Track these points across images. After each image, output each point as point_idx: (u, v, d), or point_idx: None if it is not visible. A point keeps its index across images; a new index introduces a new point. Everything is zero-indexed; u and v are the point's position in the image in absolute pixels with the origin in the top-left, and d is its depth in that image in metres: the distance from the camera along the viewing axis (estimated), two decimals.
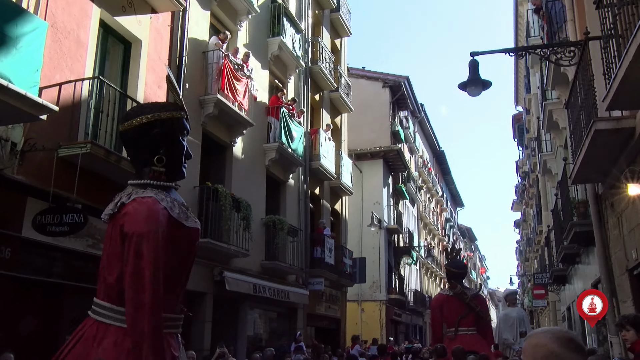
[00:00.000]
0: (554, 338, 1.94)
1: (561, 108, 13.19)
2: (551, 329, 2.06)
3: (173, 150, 3.05)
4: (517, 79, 33.58)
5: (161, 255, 2.71)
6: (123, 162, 8.83)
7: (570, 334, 1.99)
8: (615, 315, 8.88)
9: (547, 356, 1.92)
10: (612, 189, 8.34)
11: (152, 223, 2.71)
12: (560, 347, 1.90)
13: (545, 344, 1.94)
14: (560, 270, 16.53)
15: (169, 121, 3.00)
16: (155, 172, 2.97)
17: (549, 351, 1.92)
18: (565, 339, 1.93)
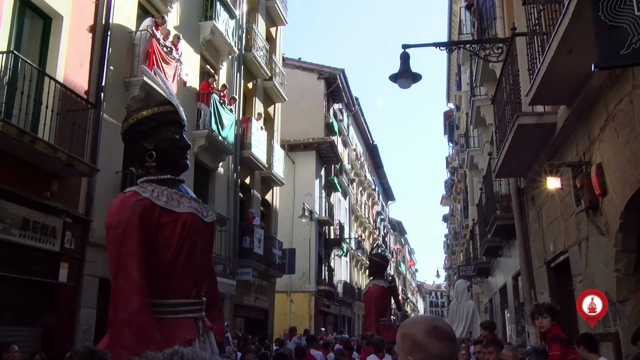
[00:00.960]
0: (421, 327, 1.89)
1: (488, 104, 13.49)
2: (420, 317, 2.00)
3: (162, 144, 3.24)
4: (449, 76, 34.30)
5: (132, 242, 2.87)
6: (38, 143, 8.37)
7: (437, 322, 1.92)
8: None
9: (413, 347, 1.87)
10: (533, 183, 8.55)
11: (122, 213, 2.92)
12: (427, 337, 1.85)
13: (412, 333, 1.89)
14: (483, 262, 16.99)
15: (153, 117, 3.23)
16: (147, 168, 3.23)
17: (415, 341, 1.87)
18: (431, 328, 1.88)
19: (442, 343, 1.86)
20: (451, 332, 1.94)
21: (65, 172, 9.40)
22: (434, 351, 1.85)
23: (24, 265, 8.92)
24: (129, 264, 2.93)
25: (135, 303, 2.88)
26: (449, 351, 1.88)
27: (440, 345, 1.86)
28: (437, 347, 1.86)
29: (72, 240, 9.77)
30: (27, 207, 8.77)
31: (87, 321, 10.05)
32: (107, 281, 10.47)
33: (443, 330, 1.91)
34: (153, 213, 3.04)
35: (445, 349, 1.87)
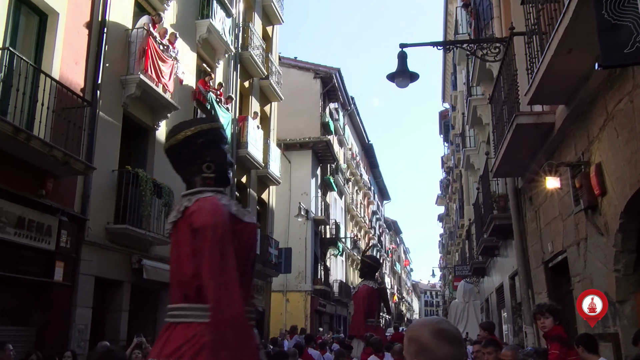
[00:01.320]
0: (427, 330, 1.87)
1: (485, 104, 13.48)
2: (426, 320, 1.98)
3: (218, 157, 3.23)
4: (445, 76, 34.33)
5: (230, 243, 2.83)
6: (33, 141, 8.30)
7: (443, 324, 1.90)
8: (530, 306, 9.14)
9: (419, 350, 1.86)
10: (531, 183, 8.54)
11: (219, 215, 2.86)
12: (433, 339, 1.84)
13: (418, 336, 1.87)
14: (479, 262, 16.99)
15: (211, 131, 3.22)
16: (206, 179, 3.17)
17: (421, 345, 1.85)
18: (437, 331, 1.86)
19: (448, 346, 1.84)
20: (457, 335, 1.92)
21: (61, 171, 9.34)
22: (440, 354, 1.84)
23: (19, 264, 8.86)
24: (230, 267, 2.86)
25: (238, 305, 2.79)
26: (456, 354, 1.86)
27: (446, 348, 1.84)
28: (443, 350, 1.84)
29: (67, 239, 9.71)
30: (22, 206, 8.71)
31: (82, 321, 9.98)
32: (102, 280, 10.37)
33: (449, 332, 1.88)
34: (230, 219, 2.99)
35: (452, 352, 1.85)
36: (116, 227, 10.88)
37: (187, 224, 2.95)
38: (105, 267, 10.76)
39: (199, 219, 2.91)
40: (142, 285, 11.80)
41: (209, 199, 3.03)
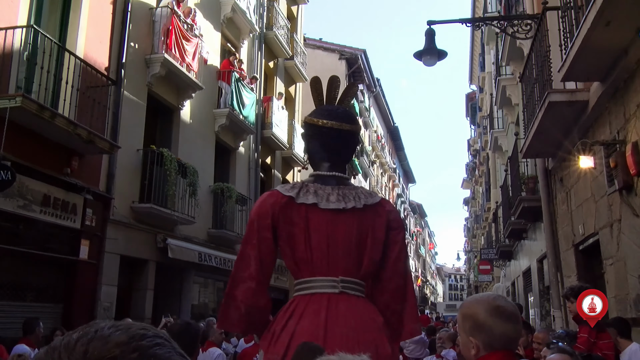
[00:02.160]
0: (483, 307, 1.82)
1: (515, 84, 13.17)
2: (482, 296, 1.92)
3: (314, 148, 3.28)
4: (472, 58, 33.77)
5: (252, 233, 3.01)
6: (58, 119, 8.31)
7: (500, 301, 1.83)
8: (559, 290, 8.94)
9: (475, 328, 1.81)
10: (563, 164, 8.30)
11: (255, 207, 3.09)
12: (490, 317, 1.78)
13: (474, 314, 1.82)
14: (506, 245, 16.74)
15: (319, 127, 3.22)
16: None
17: (477, 322, 1.80)
18: (494, 308, 1.79)
19: (506, 323, 1.78)
20: (515, 312, 1.85)
21: (86, 149, 9.35)
22: (497, 332, 1.78)
23: (45, 241, 8.92)
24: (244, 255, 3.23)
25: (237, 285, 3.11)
26: (514, 331, 1.81)
27: (504, 325, 1.78)
28: (501, 327, 1.78)
29: (92, 217, 9.75)
30: (47, 184, 8.74)
31: (108, 298, 10.06)
32: (128, 259, 10.40)
33: (507, 309, 1.81)
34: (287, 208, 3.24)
35: (510, 330, 1.79)
36: (141, 206, 10.91)
37: None
38: (131, 246, 10.81)
39: None
40: (167, 264, 11.85)
41: None
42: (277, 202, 3.12)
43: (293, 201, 3.10)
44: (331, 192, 3.20)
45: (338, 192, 3.18)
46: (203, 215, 13.32)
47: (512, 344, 1.84)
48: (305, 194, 3.15)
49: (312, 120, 3.29)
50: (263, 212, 3.07)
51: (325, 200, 3.15)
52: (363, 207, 3.12)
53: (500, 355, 1.79)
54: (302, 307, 3.07)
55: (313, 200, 3.12)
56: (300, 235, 3.11)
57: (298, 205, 3.11)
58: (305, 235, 3.12)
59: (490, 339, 1.78)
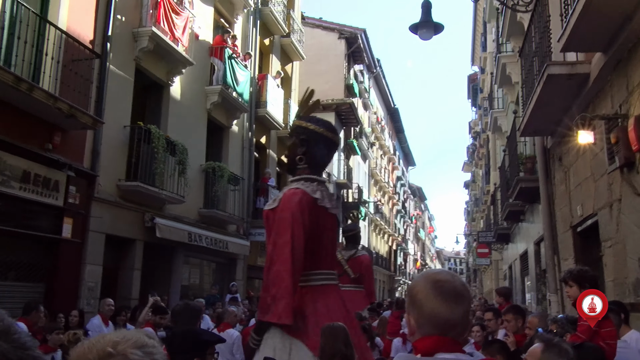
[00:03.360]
0: (423, 281, 1.63)
1: (515, 61, 12.77)
2: (428, 271, 1.73)
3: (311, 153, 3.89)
4: (475, 38, 33.25)
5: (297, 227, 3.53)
6: (36, 92, 7.97)
7: (443, 275, 1.62)
8: (555, 273, 8.66)
9: (410, 303, 1.62)
10: (562, 142, 7.98)
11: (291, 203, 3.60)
12: (424, 293, 1.59)
13: (413, 287, 1.65)
14: (504, 228, 16.47)
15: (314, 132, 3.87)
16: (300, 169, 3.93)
17: (413, 297, 1.61)
18: (432, 282, 1.60)
19: (440, 302, 1.55)
20: (457, 290, 1.58)
21: (68, 124, 9.02)
22: (427, 310, 1.56)
23: (26, 219, 8.63)
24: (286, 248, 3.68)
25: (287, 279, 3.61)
26: (449, 313, 1.55)
27: (437, 303, 1.55)
28: (431, 305, 1.55)
29: (76, 195, 9.44)
30: (27, 159, 8.42)
31: (92, 278, 9.79)
32: (114, 238, 10.10)
33: (445, 286, 1.57)
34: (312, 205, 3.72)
35: (444, 310, 1.54)
36: (128, 184, 10.59)
37: None
38: (117, 225, 10.52)
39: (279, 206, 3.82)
40: (155, 243, 11.58)
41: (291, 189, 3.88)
42: (309, 201, 3.68)
43: (316, 202, 3.70)
44: (331, 197, 3.90)
45: (331, 197, 3.88)
46: (194, 195, 13.02)
47: (449, 329, 1.55)
48: (322, 198, 3.76)
49: (317, 129, 3.91)
50: (305, 209, 3.60)
51: (329, 204, 3.81)
52: None
53: (432, 341, 1.54)
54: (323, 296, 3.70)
55: (328, 205, 3.78)
56: (316, 233, 3.69)
57: (318, 206, 3.72)
58: (320, 234, 3.72)
59: (420, 316, 1.58)
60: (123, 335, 1.15)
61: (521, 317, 5.51)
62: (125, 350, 1.09)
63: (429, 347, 1.53)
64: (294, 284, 3.45)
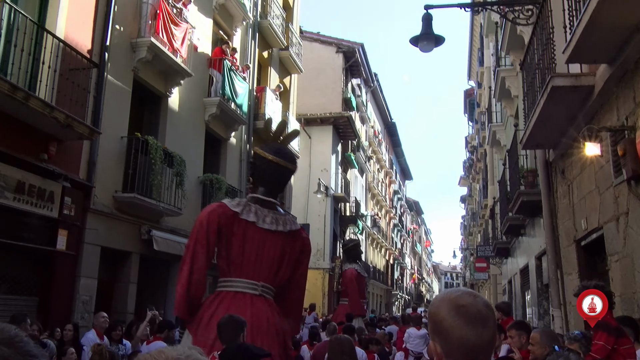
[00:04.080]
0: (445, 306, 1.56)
1: (514, 75, 12.75)
2: (449, 292, 1.63)
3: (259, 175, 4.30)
4: (471, 53, 33.33)
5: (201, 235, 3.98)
6: (32, 100, 7.86)
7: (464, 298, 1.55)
8: (558, 288, 8.53)
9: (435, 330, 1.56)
10: (565, 155, 7.89)
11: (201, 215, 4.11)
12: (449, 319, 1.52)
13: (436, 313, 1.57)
14: (503, 242, 16.34)
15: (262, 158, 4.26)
16: (249, 189, 4.45)
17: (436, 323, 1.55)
18: (455, 307, 1.53)
19: (466, 326, 1.49)
20: (482, 313, 1.52)
21: (64, 134, 8.89)
22: (455, 337, 1.51)
23: (19, 230, 8.46)
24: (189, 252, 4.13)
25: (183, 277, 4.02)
26: (476, 337, 1.50)
27: (464, 329, 1.49)
28: (459, 331, 1.50)
29: (71, 206, 9.30)
30: (22, 170, 8.28)
31: (87, 292, 9.62)
32: (110, 251, 9.95)
33: (470, 310, 1.51)
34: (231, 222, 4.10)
35: (471, 335, 1.49)
36: (124, 196, 10.45)
37: None
38: (113, 237, 10.36)
39: None
40: (152, 257, 11.42)
41: None
42: (224, 212, 4.05)
43: (237, 216, 4.04)
44: (267, 214, 4.16)
45: (272, 216, 4.16)
46: (191, 207, 12.86)
47: (475, 354, 1.51)
48: (247, 212, 4.08)
49: (264, 154, 4.26)
50: (213, 219, 3.99)
51: (262, 220, 4.10)
52: (288, 231, 4.17)
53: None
54: (229, 301, 3.97)
55: (253, 219, 4.05)
56: (237, 243, 4.04)
57: (240, 219, 4.04)
58: (241, 244, 4.04)
59: (447, 344, 1.52)
60: (182, 351, 1.12)
61: (525, 332, 5.38)
62: None
63: None
64: (190, 282, 3.88)
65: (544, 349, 4.33)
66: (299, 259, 4.28)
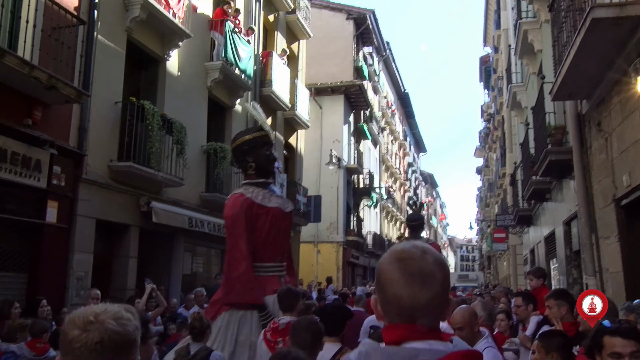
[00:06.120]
0: (385, 260, 1.43)
1: (538, 28, 11.81)
2: (396, 246, 1.47)
3: (257, 158, 5.37)
4: (487, 16, 32.15)
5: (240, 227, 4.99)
6: (8, 58, 7.14)
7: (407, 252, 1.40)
8: (593, 254, 7.74)
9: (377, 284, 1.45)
10: (602, 104, 7.03)
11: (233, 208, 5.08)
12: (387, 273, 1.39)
13: (379, 263, 1.44)
14: (525, 210, 15.51)
15: (252, 140, 5.42)
16: (249, 174, 5.45)
17: (378, 278, 1.43)
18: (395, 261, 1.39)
19: (401, 284, 1.35)
20: (425, 271, 1.36)
21: (49, 97, 8.17)
22: (389, 293, 1.37)
23: (3, 202, 7.79)
24: (237, 244, 4.97)
25: (242, 268, 4.92)
26: (410, 296, 1.34)
27: (398, 286, 1.35)
28: (393, 288, 1.36)
29: (61, 176, 8.62)
30: (3, 136, 7.58)
31: (82, 267, 8.97)
32: (106, 223, 9.37)
33: (409, 266, 1.36)
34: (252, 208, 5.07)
35: (404, 293, 1.34)
36: (120, 165, 9.76)
37: None
38: (109, 209, 9.70)
39: (224, 211, 5.25)
40: (153, 230, 10.77)
41: (233, 194, 5.31)
42: (248, 203, 5.06)
43: (255, 203, 5.10)
44: (270, 197, 5.28)
45: (274, 197, 5.31)
46: (194, 178, 12.19)
47: (417, 315, 1.35)
48: (262, 199, 5.18)
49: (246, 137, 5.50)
50: (244, 213, 5.01)
51: (268, 202, 5.22)
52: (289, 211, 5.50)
53: (400, 333, 1.35)
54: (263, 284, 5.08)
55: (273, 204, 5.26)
56: (261, 229, 5.08)
57: (258, 205, 5.11)
58: (265, 229, 5.11)
59: (382, 299, 1.41)
60: (105, 307, 1.49)
61: (566, 302, 4.68)
62: (103, 319, 1.44)
63: (397, 338, 1.35)
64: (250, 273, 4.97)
65: None
66: None
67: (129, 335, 1.46)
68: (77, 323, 1.43)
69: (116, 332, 1.43)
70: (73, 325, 1.44)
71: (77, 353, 1.41)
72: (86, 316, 1.43)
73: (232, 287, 4.93)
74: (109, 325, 1.42)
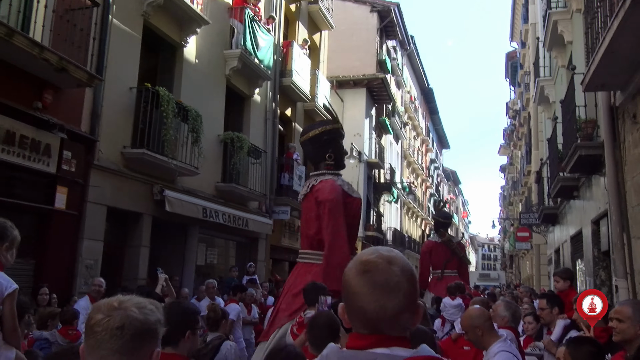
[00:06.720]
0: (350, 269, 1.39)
1: (568, 18, 11.34)
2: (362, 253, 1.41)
3: (337, 150, 5.75)
4: (514, 11, 31.46)
5: (341, 212, 5.30)
6: (17, 38, 6.94)
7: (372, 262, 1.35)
8: (624, 255, 7.30)
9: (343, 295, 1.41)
10: (638, 95, 6.59)
11: (334, 193, 5.36)
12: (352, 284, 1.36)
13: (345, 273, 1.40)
14: (551, 208, 15.00)
15: (333, 130, 5.76)
16: (328, 165, 5.70)
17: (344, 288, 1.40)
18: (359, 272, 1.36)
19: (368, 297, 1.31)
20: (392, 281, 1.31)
21: (61, 80, 7.96)
22: (355, 305, 1.34)
23: (11, 186, 7.61)
24: (340, 229, 5.32)
25: (344, 253, 5.18)
26: (378, 308, 1.31)
27: (365, 299, 1.31)
28: (360, 301, 1.33)
29: (72, 161, 8.42)
30: (10, 118, 7.39)
31: (91, 255, 8.77)
32: (118, 211, 9.27)
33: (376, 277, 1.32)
34: (342, 195, 5.45)
35: (371, 306, 1.31)
36: (133, 152, 9.54)
37: (313, 197, 5.49)
38: (121, 197, 9.49)
39: (322, 195, 5.39)
40: (167, 219, 10.55)
41: (329, 180, 5.50)
42: (342, 191, 5.51)
43: (345, 192, 5.54)
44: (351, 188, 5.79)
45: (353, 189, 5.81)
46: (210, 167, 11.95)
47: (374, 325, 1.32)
48: (348, 188, 5.65)
49: (333, 126, 5.87)
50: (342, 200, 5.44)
51: (352, 192, 5.75)
52: None
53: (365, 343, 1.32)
54: None
55: (356, 195, 5.74)
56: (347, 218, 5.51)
57: (347, 194, 5.56)
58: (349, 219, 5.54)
59: (348, 310, 1.38)
60: (131, 297, 1.57)
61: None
62: (127, 306, 1.51)
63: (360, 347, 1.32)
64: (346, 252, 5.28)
65: (638, 327, 3.20)
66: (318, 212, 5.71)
67: (150, 325, 1.52)
68: (101, 308, 1.50)
69: (137, 319, 1.49)
70: (98, 310, 1.51)
71: (99, 337, 1.46)
72: (111, 302, 1.52)
73: (333, 274, 4.92)
74: (131, 312, 1.49)
